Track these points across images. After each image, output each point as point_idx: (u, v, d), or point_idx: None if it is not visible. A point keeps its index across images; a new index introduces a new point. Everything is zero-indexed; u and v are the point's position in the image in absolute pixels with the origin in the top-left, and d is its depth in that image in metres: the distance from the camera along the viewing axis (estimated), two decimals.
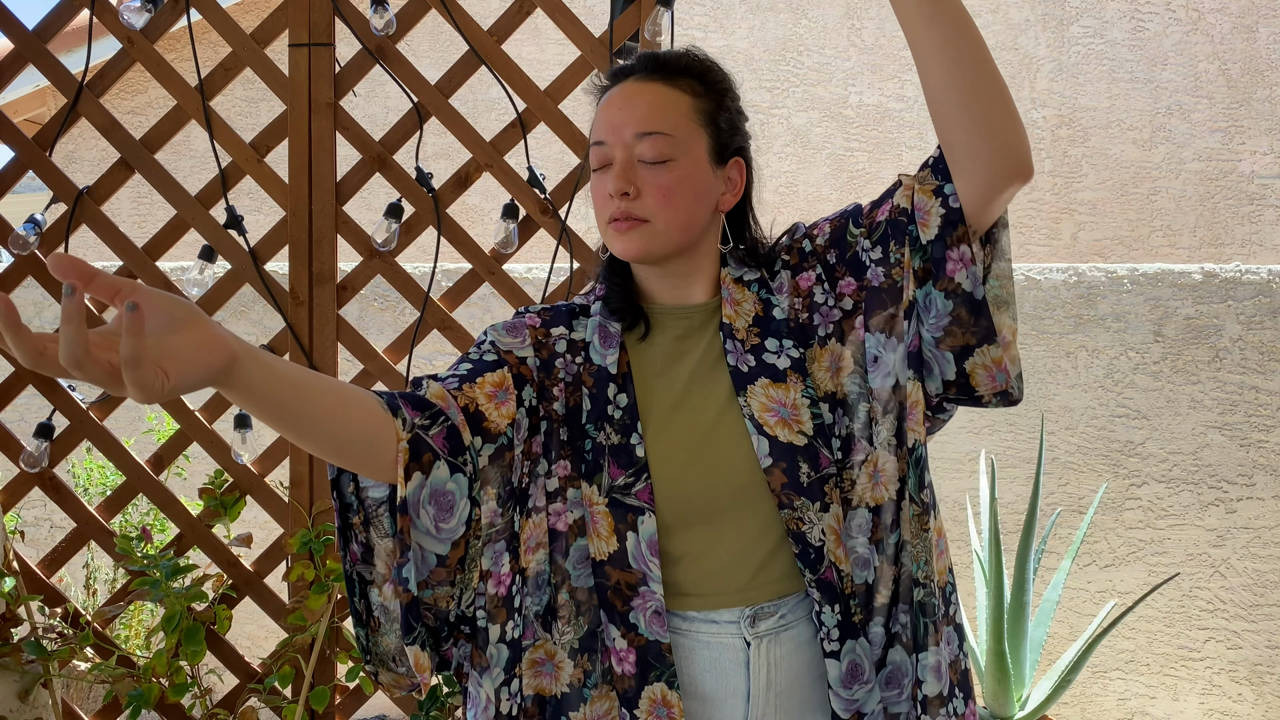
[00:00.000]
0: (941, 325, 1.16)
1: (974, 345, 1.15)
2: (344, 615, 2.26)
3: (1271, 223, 5.03)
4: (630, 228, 1.19)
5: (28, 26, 2.32)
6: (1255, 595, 3.34)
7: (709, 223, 1.23)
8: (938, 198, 1.15)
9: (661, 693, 1.16)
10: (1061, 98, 5.09)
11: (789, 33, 5.13)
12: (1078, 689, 3.37)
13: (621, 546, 1.17)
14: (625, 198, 1.18)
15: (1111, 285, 3.43)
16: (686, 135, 1.20)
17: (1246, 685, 3.34)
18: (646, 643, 1.16)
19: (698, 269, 1.25)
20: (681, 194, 1.19)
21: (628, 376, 1.23)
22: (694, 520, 1.18)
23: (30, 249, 2.31)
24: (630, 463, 1.18)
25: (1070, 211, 5.05)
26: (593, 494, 1.19)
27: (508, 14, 2.27)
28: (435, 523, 1.13)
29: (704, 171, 1.21)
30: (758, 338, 1.22)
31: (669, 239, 1.20)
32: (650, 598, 1.16)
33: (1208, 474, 3.36)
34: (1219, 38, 5.06)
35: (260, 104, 5.05)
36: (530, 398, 1.21)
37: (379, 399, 1.11)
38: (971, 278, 1.14)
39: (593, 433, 1.20)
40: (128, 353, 0.79)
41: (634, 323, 1.25)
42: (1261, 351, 3.36)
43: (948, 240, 1.14)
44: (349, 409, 1.06)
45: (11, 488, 2.37)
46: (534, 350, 1.24)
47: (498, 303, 3.47)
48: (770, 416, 1.18)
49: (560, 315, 1.28)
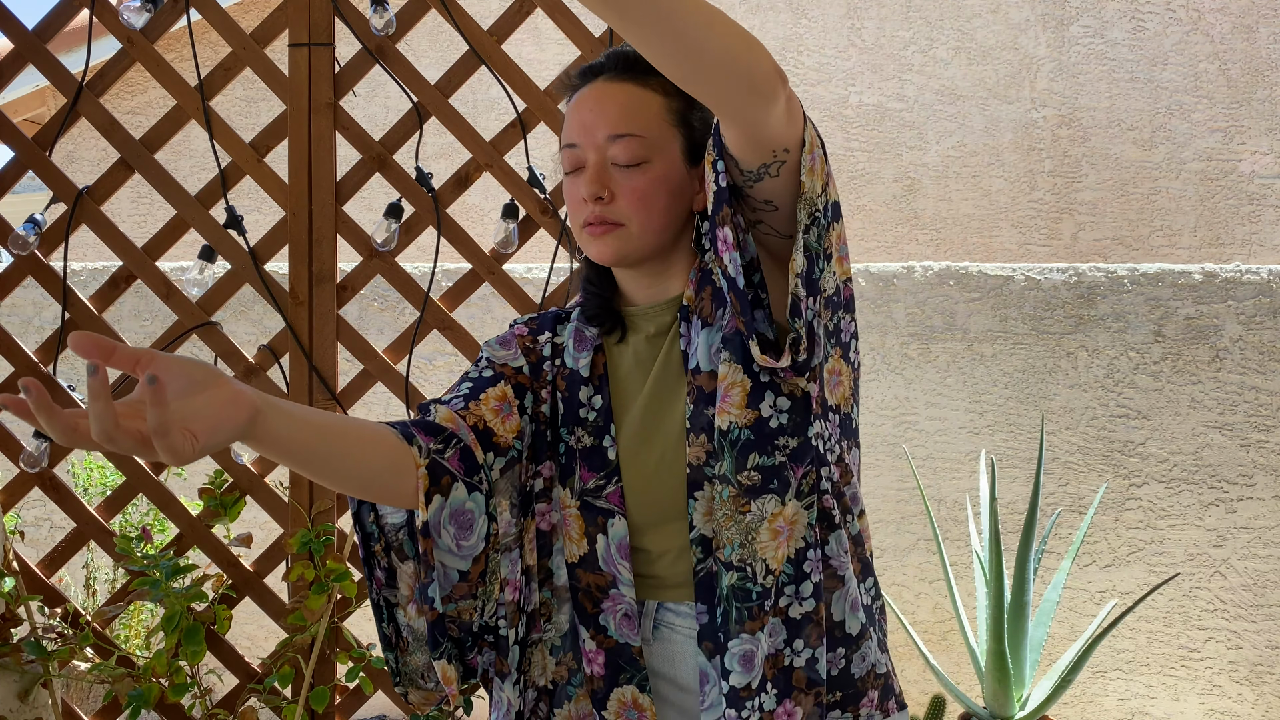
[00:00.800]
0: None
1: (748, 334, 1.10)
2: (344, 615, 2.26)
3: (1271, 223, 5.03)
4: (605, 232, 1.18)
5: (28, 26, 2.32)
6: (1255, 595, 3.34)
7: (684, 223, 1.22)
8: (712, 170, 1.10)
9: (633, 695, 1.16)
10: (1061, 98, 5.09)
11: (789, 33, 5.13)
12: (1078, 689, 3.37)
13: (591, 549, 1.18)
14: (599, 202, 1.17)
15: (1111, 285, 3.43)
16: (660, 136, 1.17)
17: (1247, 685, 3.34)
18: (616, 645, 1.17)
19: (673, 265, 1.23)
20: (656, 197, 1.17)
21: (604, 379, 1.23)
22: (667, 519, 1.17)
23: (30, 249, 2.31)
24: (602, 465, 1.19)
25: (1070, 211, 5.05)
26: (565, 496, 1.20)
27: (508, 14, 2.27)
28: (456, 541, 1.16)
29: (678, 172, 1.19)
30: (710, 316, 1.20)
31: (644, 242, 1.18)
32: (620, 600, 1.17)
33: (1208, 474, 3.36)
34: (1219, 38, 5.06)
35: (260, 104, 5.05)
36: (530, 404, 1.23)
37: (394, 430, 1.13)
38: (734, 263, 1.08)
39: (565, 436, 1.22)
40: (154, 424, 0.83)
41: (612, 327, 1.25)
42: (1261, 351, 3.36)
43: (716, 218, 1.10)
44: (369, 445, 1.09)
45: (11, 488, 2.37)
46: (524, 358, 1.26)
47: (498, 303, 3.47)
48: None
49: (545, 321, 1.30)
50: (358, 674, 2.21)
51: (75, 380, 3.45)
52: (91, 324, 2.33)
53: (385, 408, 3.45)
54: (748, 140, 1.03)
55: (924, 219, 5.06)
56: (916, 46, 5.13)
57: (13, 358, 2.32)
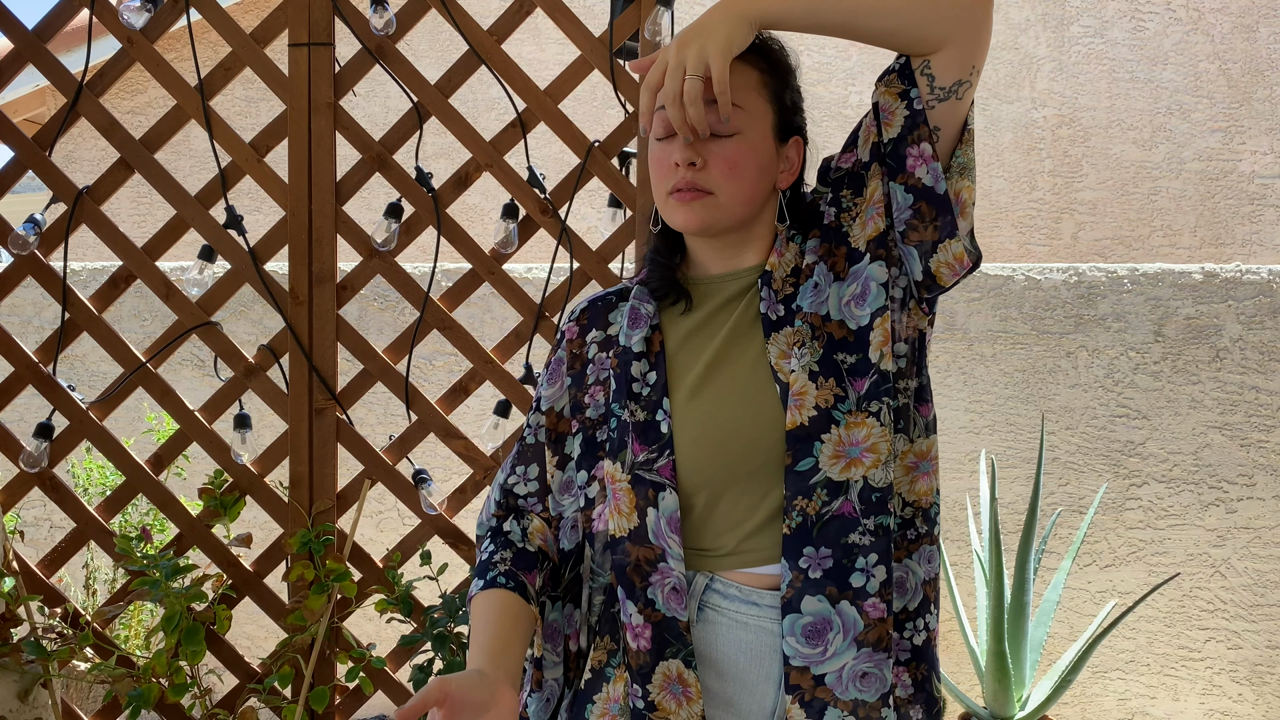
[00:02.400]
0: (905, 219, 1.18)
1: (937, 240, 1.17)
2: (344, 615, 2.26)
3: (1271, 223, 5.03)
4: (694, 199, 1.19)
5: (28, 26, 2.32)
6: (1255, 595, 3.34)
7: (767, 199, 1.24)
8: (902, 100, 1.17)
9: (678, 670, 1.16)
10: (1061, 98, 5.09)
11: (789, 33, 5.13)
12: (1078, 689, 3.37)
13: (641, 523, 1.18)
14: (692, 168, 1.18)
15: (1111, 285, 3.42)
16: (754, 109, 1.21)
17: (1247, 685, 3.34)
18: (664, 619, 1.17)
19: (753, 238, 1.25)
20: (747, 167, 1.19)
21: (660, 355, 1.24)
22: (715, 487, 1.18)
23: (30, 249, 2.31)
24: (655, 438, 1.19)
25: (1070, 211, 5.05)
26: (616, 470, 1.20)
27: (508, 14, 2.27)
28: (549, 648, 1.28)
29: (768, 147, 1.22)
30: (792, 287, 1.22)
31: (731, 212, 1.20)
32: (669, 574, 1.17)
33: (1208, 474, 3.36)
34: (1219, 38, 5.06)
35: (260, 104, 5.05)
36: (573, 447, 1.27)
37: (518, 596, 1.21)
38: (932, 173, 1.16)
39: (618, 411, 1.22)
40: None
41: (675, 300, 1.27)
42: (1261, 351, 3.36)
43: (909, 138, 1.17)
44: (526, 635, 1.21)
45: (11, 488, 2.37)
46: (569, 376, 1.29)
47: (498, 303, 3.46)
48: (786, 364, 1.19)
49: (597, 315, 1.31)
50: (358, 674, 2.21)
51: (75, 380, 3.45)
52: (91, 324, 2.33)
53: (385, 408, 3.45)
54: (957, 56, 1.14)
55: None
56: None
57: (13, 358, 2.32)
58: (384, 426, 3.43)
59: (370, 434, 3.34)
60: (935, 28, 1.14)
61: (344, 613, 2.26)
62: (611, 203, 2.28)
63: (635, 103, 2.20)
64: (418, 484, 2.32)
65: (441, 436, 2.30)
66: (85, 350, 3.48)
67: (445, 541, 2.31)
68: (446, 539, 2.31)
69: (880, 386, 1.16)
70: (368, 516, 3.45)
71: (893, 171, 1.18)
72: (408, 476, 2.33)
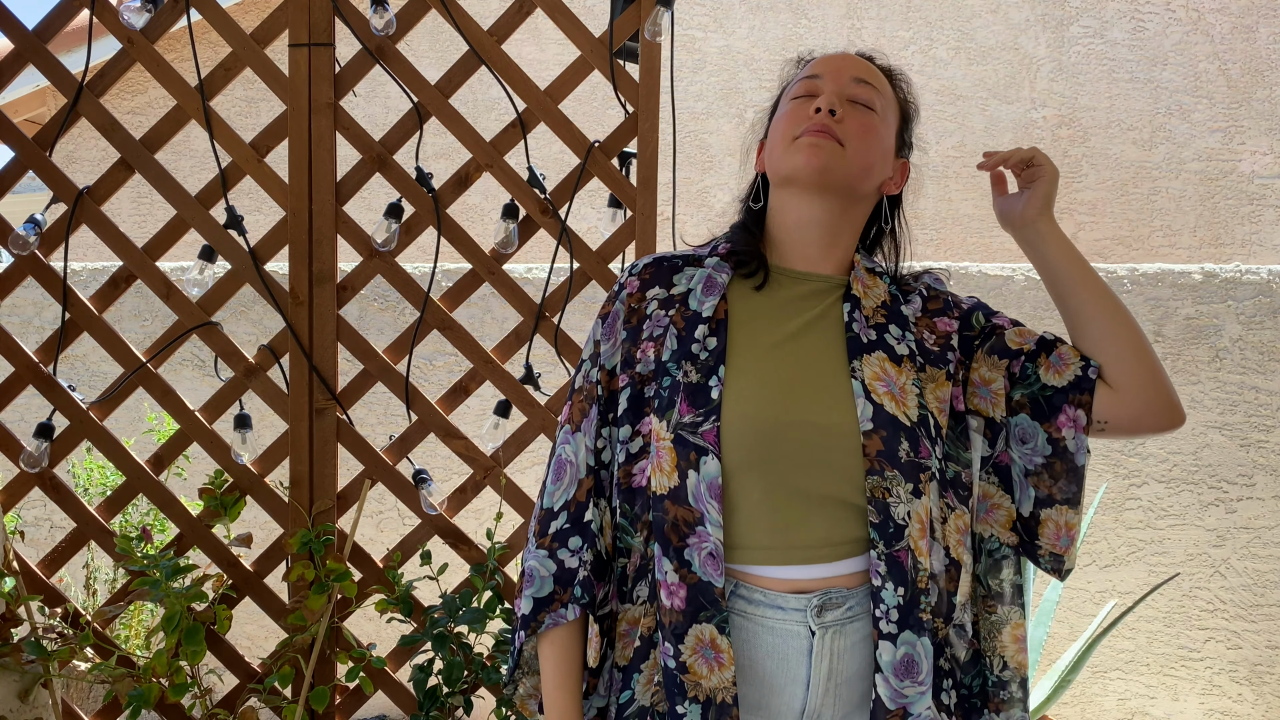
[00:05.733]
0: (1035, 462, 1.25)
1: (1057, 500, 1.24)
2: (344, 615, 2.27)
3: (1271, 223, 5.03)
4: (826, 139, 1.23)
5: (28, 26, 2.32)
6: (1255, 595, 3.34)
7: (873, 190, 1.29)
8: (1081, 360, 1.26)
9: (710, 634, 1.16)
10: (1061, 98, 5.09)
11: (789, 33, 5.13)
12: (1078, 689, 3.37)
13: (682, 484, 1.18)
14: (832, 116, 1.24)
15: (1111, 285, 3.42)
16: (887, 105, 1.30)
17: (1246, 685, 3.34)
18: (700, 581, 1.16)
19: (840, 232, 1.29)
20: (875, 139, 1.26)
21: (723, 324, 1.25)
22: (757, 466, 1.18)
23: (30, 249, 2.31)
24: (704, 402, 1.20)
25: (1070, 211, 5.05)
26: (661, 429, 1.20)
27: (508, 14, 2.27)
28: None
29: (890, 141, 1.29)
30: (883, 319, 1.26)
31: (849, 170, 1.24)
32: (706, 539, 1.17)
33: (1208, 474, 3.36)
34: (1219, 38, 5.06)
35: (260, 104, 5.05)
36: (621, 402, 1.27)
37: (586, 615, 1.25)
38: (1077, 441, 1.23)
39: (673, 370, 1.22)
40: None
41: (754, 271, 1.29)
42: (1261, 351, 3.36)
43: (1070, 397, 1.24)
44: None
45: (11, 488, 2.37)
46: (624, 330, 1.28)
47: (498, 303, 3.47)
48: (880, 387, 1.20)
49: (662, 273, 1.31)
50: (358, 674, 2.21)
51: (75, 380, 3.45)
52: (92, 324, 2.33)
53: (385, 408, 3.45)
54: (1130, 423, 1.25)
55: (924, 219, 5.06)
56: (916, 46, 5.13)
57: (13, 358, 2.32)
58: (384, 426, 3.43)
59: (370, 434, 3.34)
60: (1147, 391, 1.23)
61: (344, 613, 2.26)
62: (611, 203, 2.28)
63: (635, 103, 2.20)
64: (418, 484, 2.32)
65: (441, 436, 2.30)
66: (85, 350, 3.48)
67: (445, 541, 2.31)
68: (446, 539, 2.31)
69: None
70: (368, 516, 3.45)
71: (1039, 411, 1.25)
72: (408, 476, 2.33)
